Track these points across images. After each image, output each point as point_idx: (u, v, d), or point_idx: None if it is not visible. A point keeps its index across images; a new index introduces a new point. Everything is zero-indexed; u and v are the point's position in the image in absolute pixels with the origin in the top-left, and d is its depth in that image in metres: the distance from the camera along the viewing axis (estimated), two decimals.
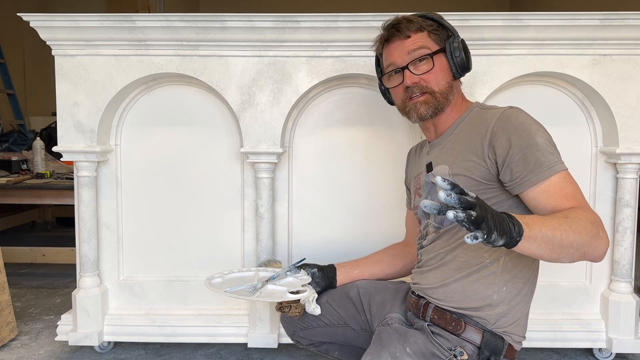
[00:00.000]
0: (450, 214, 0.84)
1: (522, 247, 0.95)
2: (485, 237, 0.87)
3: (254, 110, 1.77)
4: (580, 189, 1.13)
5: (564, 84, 1.81)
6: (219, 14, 1.67)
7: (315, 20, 1.67)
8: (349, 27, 1.67)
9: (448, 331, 1.18)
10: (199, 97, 1.87)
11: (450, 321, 1.19)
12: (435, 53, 1.25)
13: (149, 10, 5.60)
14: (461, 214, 0.85)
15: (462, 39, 1.28)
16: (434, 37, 1.27)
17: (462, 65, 1.27)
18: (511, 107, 1.21)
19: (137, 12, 5.22)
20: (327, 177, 1.89)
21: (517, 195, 1.16)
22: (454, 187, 0.86)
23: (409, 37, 1.26)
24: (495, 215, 0.91)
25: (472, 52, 1.65)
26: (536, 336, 1.81)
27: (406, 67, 1.25)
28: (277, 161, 1.79)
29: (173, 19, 1.69)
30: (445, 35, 1.28)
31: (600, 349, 1.85)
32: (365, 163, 1.88)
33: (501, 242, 0.91)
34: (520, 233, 0.93)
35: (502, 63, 1.72)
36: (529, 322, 1.76)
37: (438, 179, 0.86)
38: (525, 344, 1.80)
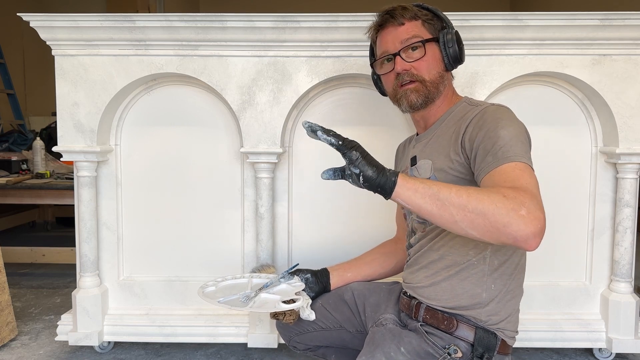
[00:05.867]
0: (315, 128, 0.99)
1: (402, 193, 0.97)
2: (339, 143, 0.98)
3: (254, 110, 1.77)
4: (534, 180, 1.01)
5: (564, 84, 1.82)
6: (219, 14, 1.67)
7: (315, 20, 1.67)
8: (349, 27, 1.67)
9: (441, 330, 1.18)
10: (199, 97, 1.87)
11: (443, 320, 1.19)
12: (427, 41, 1.24)
13: (149, 10, 5.60)
14: (318, 126, 0.99)
15: (456, 31, 1.28)
16: (428, 26, 1.26)
17: (454, 57, 1.26)
18: (494, 104, 1.20)
19: (137, 12, 5.23)
20: None
21: None
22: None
23: (403, 24, 1.25)
24: (369, 155, 1.00)
25: (472, 52, 1.67)
26: (536, 336, 1.81)
27: (398, 54, 1.24)
28: (277, 161, 1.79)
29: (173, 19, 1.69)
30: (440, 26, 1.28)
31: (600, 349, 1.85)
32: None
33: (370, 172, 0.97)
34: (396, 174, 0.98)
35: (502, 63, 1.72)
36: (529, 322, 1.77)
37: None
38: (526, 343, 1.80)
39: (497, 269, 1.18)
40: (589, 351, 1.90)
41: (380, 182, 0.97)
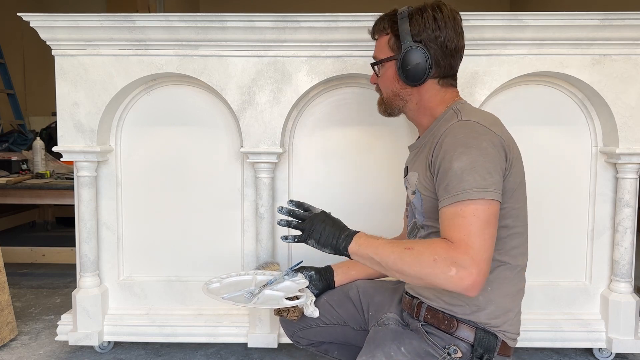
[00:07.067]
0: (278, 218, 1.24)
1: (355, 260, 1.18)
2: (296, 240, 1.25)
3: (254, 110, 1.77)
4: (477, 222, 1.03)
5: (564, 84, 1.82)
6: (219, 14, 1.67)
7: (315, 20, 1.67)
8: (349, 27, 1.67)
9: (441, 330, 1.19)
10: (199, 97, 1.87)
11: (443, 320, 1.19)
12: (379, 62, 1.27)
13: (149, 10, 5.60)
14: (283, 222, 1.26)
15: (421, 47, 1.17)
16: (395, 41, 1.21)
17: (412, 77, 1.19)
18: (460, 121, 1.15)
19: (137, 12, 5.23)
20: (327, 177, 1.89)
21: None
22: (299, 205, 1.29)
23: (376, 39, 1.29)
24: (324, 232, 1.20)
25: (472, 52, 1.66)
26: (536, 336, 1.81)
27: (373, 67, 1.31)
28: (277, 161, 1.79)
29: (173, 19, 1.69)
30: (410, 38, 1.18)
31: (600, 349, 1.85)
32: (366, 162, 1.88)
33: (327, 251, 1.20)
34: (346, 248, 1.17)
35: (502, 63, 1.72)
36: (529, 322, 1.77)
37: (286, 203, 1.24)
38: (526, 343, 1.80)
39: (492, 271, 1.17)
40: (589, 351, 1.90)
41: (336, 254, 1.19)
